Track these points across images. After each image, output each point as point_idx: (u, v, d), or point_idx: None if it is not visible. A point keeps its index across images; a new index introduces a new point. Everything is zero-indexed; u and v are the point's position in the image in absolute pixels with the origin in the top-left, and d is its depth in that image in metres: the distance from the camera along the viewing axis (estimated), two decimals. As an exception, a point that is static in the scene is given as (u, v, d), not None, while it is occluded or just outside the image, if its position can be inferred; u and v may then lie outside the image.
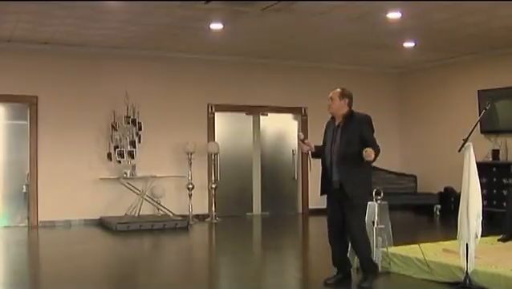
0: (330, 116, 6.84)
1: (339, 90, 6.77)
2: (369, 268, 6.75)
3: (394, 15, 9.96)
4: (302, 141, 6.81)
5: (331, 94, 6.77)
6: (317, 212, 14.19)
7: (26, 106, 12.31)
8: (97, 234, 11.56)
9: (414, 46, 12.61)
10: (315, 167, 6.67)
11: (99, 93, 12.61)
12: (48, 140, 12.27)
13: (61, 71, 12.40)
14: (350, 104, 6.77)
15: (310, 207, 14.46)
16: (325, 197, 6.85)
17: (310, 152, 6.75)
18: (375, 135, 6.79)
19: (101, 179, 12.45)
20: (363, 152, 6.39)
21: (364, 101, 14.95)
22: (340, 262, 6.92)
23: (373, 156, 6.40)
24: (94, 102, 12.57)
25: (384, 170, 14.81)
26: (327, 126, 6.89)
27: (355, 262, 7.11)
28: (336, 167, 6.60)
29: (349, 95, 6.78)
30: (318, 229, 11.98)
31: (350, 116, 6.72)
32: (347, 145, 6.56)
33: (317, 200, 14.68)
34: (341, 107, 6.71)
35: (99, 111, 12.52)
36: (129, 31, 11.15)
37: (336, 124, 6.76)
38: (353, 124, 6.65)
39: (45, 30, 10.92)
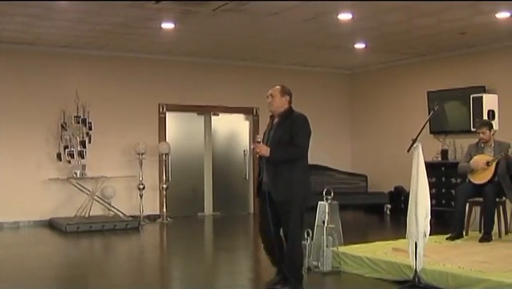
0: None
1: (278, 87, 6.49)
2: (296, 276, 6.32)
3: (345, 16, 10.03)
4: (258, 143, 6.34)
5: (270, 91, 6.47)
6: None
7: (-27, 105, 12.10)
8: (46, 235, 11.40)
9: (365, 48, 12.73)
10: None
11: (48, 93, 12.44)
12: (-4, 140, 12.09)
13: (9, 69, 12.20)
14: (290, 102, 6.47)
15: (261, 207, 14.45)
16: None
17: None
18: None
19: (50, 179, 12.29)
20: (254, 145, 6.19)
21: (316, 102, 15.21)
22: (279, 263, 6.46)
23: (264, 151, 6.11)
24: (43, 101, 12.38)
25: (334, 170, 14.96)
26: (267, 126, 6.55)
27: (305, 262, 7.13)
28: (266, 168, 6.26)
29: (289, 92, 6.50)
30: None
31: (289, 113, 6.39)
32: (277, 144, 6.20)
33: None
34: (282, 105, 6.40)
35: (49, 111, 12.34)
36: (79, 30, 11.03)
37: (274, 121, 6.46)
38: (288, 122, 6.29)
39: (-7, 28, 10.76)
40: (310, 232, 7.55)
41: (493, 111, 10.14)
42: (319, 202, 7.74)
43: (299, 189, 6.21)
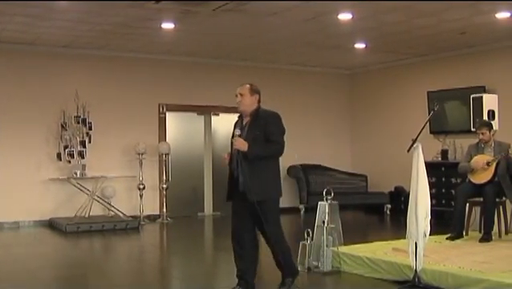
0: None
1: (248, 85, 6.31)
2: (292, 271, 6.33)
3: (345, 16, 10.03)
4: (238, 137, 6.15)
5: (239, 89, 6.29)
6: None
7: (-27, 105, 12.10)
8: (46, 235, 11.40)
9: (365, 48, 12.73)
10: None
11: (48, 93, 12.43)
12: (-4, 140, 12.09)
13: (9, 69, 12.19)
14: (259, 100, 6.32)
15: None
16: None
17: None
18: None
19: (50, 179, 12.29)
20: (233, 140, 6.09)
21: (316, 102, 15.24)
22: (246, 274, 6.28)
23: (242, 146, 6.01)
24: (43, 101, 12.38)
25: (334, 170, 14.98)
26: (234, 126, 6.33)
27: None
28: (241, 168, 6.07)
29: (258, 90, 6.34)
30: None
31: (259, 112, 6.24)
32: (252, 144, 6.04)
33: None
34: (252, 104, 6.24)
35: (49, 111, 12.33)
36: (79, 30, 11.03)
37: (244, 122, 6.29)
38: (260, 121, 6.15)
39: (-8, 27, 10.76)
40: (311, 232, 7.56)
41: (493, 112, 10.13)
42: (319, 202, 7.74)
43: (274, 188, 6.22)
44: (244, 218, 6.18)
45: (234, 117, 6.49)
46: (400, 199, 13.86)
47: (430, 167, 8.00)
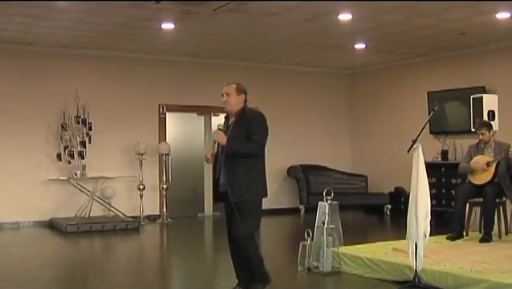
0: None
1: (234, 85, 6.22)
2: (259, 277, 6.13)
3: (345, 17, 10.03)
4: (220, 130, 6.13)
5: (225, 89, 6.22)
6: (269, 212, 14.20)
7: (-27, 105, 12.09)
8: (46, 235, 11.40)
9: (365, 48, 12.73)
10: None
11: (48, 93, 12.43)
12: (-4, 140, 12.08)
13: (9, 69, 12.19)
14: (246, 100, 6.23)
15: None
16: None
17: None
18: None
19: (50, 180, 12.29)
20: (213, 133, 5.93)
21: (316, 102, 15.24)
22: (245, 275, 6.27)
23: (222, 139, 5.98)
24: (43, 102, 12.37)
25: (335, 170, 14.98)
26: (223, 126, 6.28)
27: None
28: (224, 168, 6.03)
29: (245, 90, 6.24)
30: (270, 230, 12.02)
31: (244, 112, 6.16)
32: (232, 139, 6.00)
33: (269, 201, 14.80)
34: (238, 103, 6.15)
35: (49, 111, 12.33)
36: (80, 30, 11.03)
37: (230, 122, 6.23)
38: (245, 120, 6.08)
39: (-8, 28, 10.75)
40: (311, 232, 7.56)
41: (493, 112, 10.14)
42: (319, 203, 7.74)
43: (257, 189, 6.07)
44: (231, 218, 6.10)
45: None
46: (400, 199, 13.85)
47: (430, 167, 8.01)
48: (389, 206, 14.16)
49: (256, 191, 6.07)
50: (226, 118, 6.35)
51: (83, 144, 12.35)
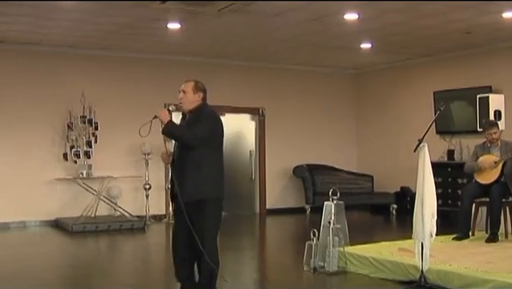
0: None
1: (192, 82, 5.95)
2: (209, 284, 5.82)
3: (351, 17, 10.01)
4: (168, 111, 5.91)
5: (183, 86, 5.96)
6: (274, 212, 14.26)
7: (-20, 105, 12.11)
8: (53, 235, 11.43)
9: (371, 48, 12.71)
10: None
11: (54, 93, 12.43)
12: (2, 141, 12.08)
13: (14, 70, 12.21)
14: (204, 98, 5.98)
15: (267, 207, 14.50)
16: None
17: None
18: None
19: (57, 179, 12.30)
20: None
21: (322, 102, 15.23)
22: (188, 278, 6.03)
23: (163, 117, 5.87)
24: (49, 102, 12.38)
25: (340, 170, 14.97)
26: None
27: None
28: (175, 168, 5.84)
29: (204, 88, 5.98)
30: (276, 229, 12.03)
31: (200, 110, 5.93)
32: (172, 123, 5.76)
33: (274, 200, 14.83)
34: (193, 102, 5.91)
35: (55, 111, 12.35)
36: (85, 30, 11.03)
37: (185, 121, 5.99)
38: (195, 116, 5.87)
39: (-2, 28, 10.77)
40: (316, 232, 7.55)
41: (499, 111, 10.12)
42: (325, 202, 7.73)
43: (209, 189, 5.79)
44: (183, 220, 5.67)
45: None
46: (406, 199, 13.83)
47: (436, 167, 7.98)
48: (395, 206, 14.14)
49: (207, 191, 5.79)
50: (183, 116, 6.08)
51: (89, 143, 12.37)
